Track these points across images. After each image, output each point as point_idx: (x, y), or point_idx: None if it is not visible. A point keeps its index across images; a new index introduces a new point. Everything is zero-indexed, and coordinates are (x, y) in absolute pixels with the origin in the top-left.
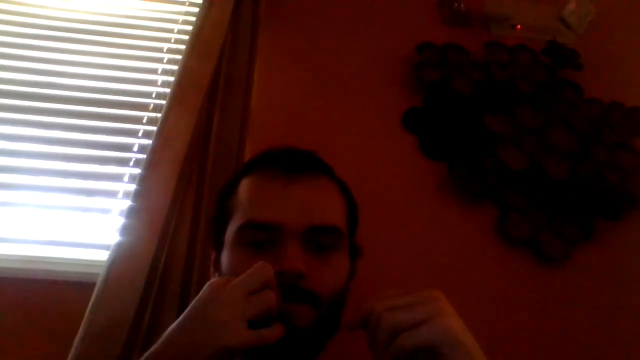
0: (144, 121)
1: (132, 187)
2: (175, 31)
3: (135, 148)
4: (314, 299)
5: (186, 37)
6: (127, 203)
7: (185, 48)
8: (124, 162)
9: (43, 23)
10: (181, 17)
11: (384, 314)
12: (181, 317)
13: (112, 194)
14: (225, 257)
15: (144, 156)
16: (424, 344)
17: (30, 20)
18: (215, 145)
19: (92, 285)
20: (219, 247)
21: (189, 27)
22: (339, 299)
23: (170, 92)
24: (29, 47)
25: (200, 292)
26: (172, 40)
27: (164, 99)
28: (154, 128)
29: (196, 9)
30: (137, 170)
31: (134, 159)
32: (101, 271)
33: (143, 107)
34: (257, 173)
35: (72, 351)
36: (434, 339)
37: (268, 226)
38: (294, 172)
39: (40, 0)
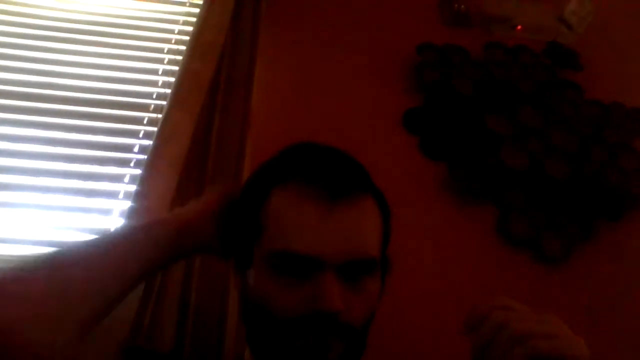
0: (145, 122)
1: (133, 188)
2: (176, 32)
3: (136, 149)
4: (349, 331)
5: (187, 38)
6: (128, 204)
7: (186, 49)
8: (124, 162)
9: (43, 24)
10: (182, 18)
11: (512, 323)
12: None
13: (113, 194)
14: (255, 280)
15: (145, 157)
16: (557, 354)
17: (30, 20)
18: (215, 146)
19: None
20: (246, 264)
21: (190, 28)
22: (369, 323)
23: (171, 92)
24: (29, 47)
25: None
26: (173, 41)
27: (164, 100)
28: (155, 129)
29: (197, 10)
30: (138, 171)
31: (134, 160)
32: None
33: (144, 107)
34: (295, 187)
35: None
36: (569, 354)
37: (306, 258)
38: (337, 194)
39: (40, 1)
